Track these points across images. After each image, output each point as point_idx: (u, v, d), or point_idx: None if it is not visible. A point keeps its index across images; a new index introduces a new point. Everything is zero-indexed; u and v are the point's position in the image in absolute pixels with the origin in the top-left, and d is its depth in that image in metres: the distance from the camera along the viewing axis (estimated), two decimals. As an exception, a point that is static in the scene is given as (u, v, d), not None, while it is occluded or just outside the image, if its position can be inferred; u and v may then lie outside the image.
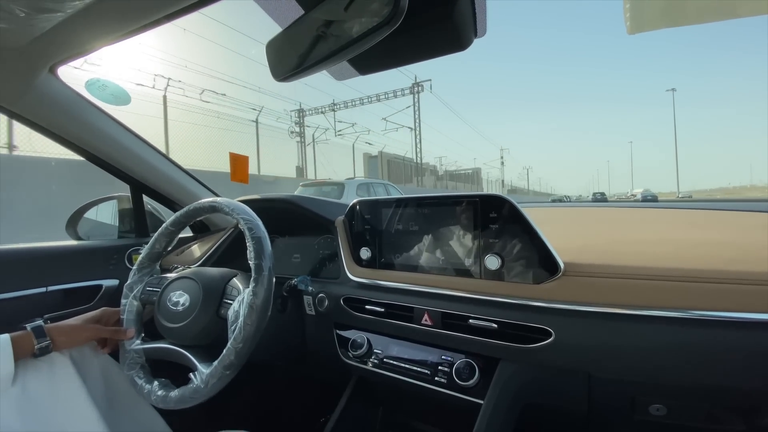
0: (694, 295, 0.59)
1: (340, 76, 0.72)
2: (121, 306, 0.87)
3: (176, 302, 0.81)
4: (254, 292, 0.74)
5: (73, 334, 0.78)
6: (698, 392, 0.61)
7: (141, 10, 0.65)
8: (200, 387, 0.72)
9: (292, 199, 1.10)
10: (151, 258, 0.93)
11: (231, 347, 0.72)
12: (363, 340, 0.93)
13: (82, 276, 1.15)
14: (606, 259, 0.69)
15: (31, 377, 0.72)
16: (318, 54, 0.56)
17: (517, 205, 0.72)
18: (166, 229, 0.93)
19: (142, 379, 0.80)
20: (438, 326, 0.81)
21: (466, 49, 0.57)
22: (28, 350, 0.72)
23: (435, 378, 0.80)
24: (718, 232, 0.83)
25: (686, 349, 0.59)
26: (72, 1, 0.58)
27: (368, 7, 0.49)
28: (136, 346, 0.83)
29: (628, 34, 0.55)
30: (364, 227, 0.96)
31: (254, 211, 0.83)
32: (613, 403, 0.69)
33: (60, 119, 1.02)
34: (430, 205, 0.86)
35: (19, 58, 0.79)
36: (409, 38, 0.57)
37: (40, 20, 0.65)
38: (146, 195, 1.33)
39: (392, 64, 0.65)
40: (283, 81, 0.62)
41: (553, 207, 1.29)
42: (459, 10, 0.52)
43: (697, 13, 0.54)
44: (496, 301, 0.75)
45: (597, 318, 0.65)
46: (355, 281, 0.96)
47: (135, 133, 1.18)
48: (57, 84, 0.94)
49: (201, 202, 0.90)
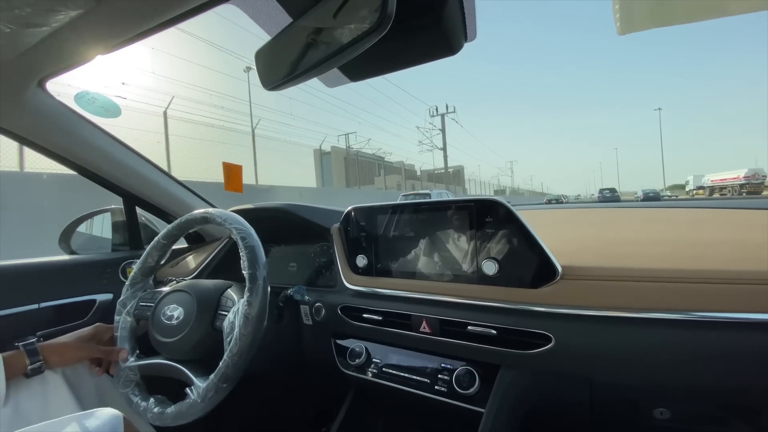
0: (694, 297, 0.59)
1: (330, 83, 0.72)
2: (115, 323, 0.86)
3: (170, 316, 0.80)
4: (249, 302, 0.73)
5: (66, 353, 0.77)
6: (702, 395, 0.60)
7: (128, 22, 0.64)
8: (197, 402, 0.71)
9: (286, 207, 1.09)
10: (144, 272, 0.92)
11: (227, 359, 0.71)
12: (361, 349, 0.91)
13: (75, 291, 1.13)
14: (604, 262, 0.68)
15: (24, 397, 0.70)
16: (308, 62, 0.55)
17: (513, 209, 0.72)
18: (158, 242, 0.91)
19: (137, 396, 0.79)
20: (436, 333, 0.80)
21: (456, 54, 0.57)
22: (21, 370, 0.70)
23: (435, 387, 0.79)
24: (716, 230, 0.83)
25: (688, 351, 0.58)
26: (57, 15, 0.58)
27: (357, 13, 0.48)
28: (130, 363, 0.82)
29: (618, 34, 0.55)
30: (360, 234, 0.95)
31: (248, 221, 0.82)
32: (616, 408, 0.68)
33: (50, 133, 1.00)
34: (425, 210, 0.85)
35: (7, 72, 0.78)
36: (399, 44, 0.57)
37: (27, 35, 0.64)
38: (139, 207, 1.31)
39: (383, 70, 0.65)
40: (273, 90, 0.62)
41: (550, 209, 1.28)
42: (448, 15, 0.52)
43: (686, 12, 0.54)
44: (494, 306, 0.74)
45: (597, 322, 0.64)
46: (352, 289, 0.95)
47: (126, 144, 1.17)
48: (46, 98, 0.93)
49: (193, 214, 0.89)
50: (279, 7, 0.57)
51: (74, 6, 0.56)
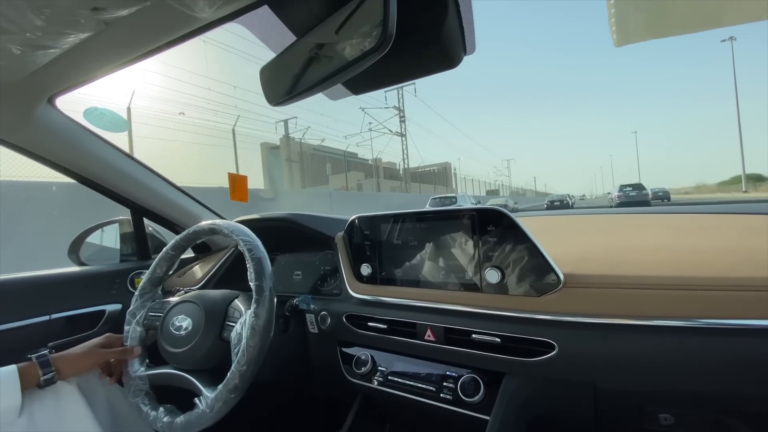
0: (698, 304, 0.59)
1: (333, 96, 0.74)
2: (125, 332, 0.87)
3: (179, 326, 0.81)
4: (256, 313, 0.74)
5: (78, 362, 0.78)
6: (706, 401, 0.61)
7: (137, 42, 0.66)
8: (206, 412, 0.72)
9: (291, 217, 1.11)
10: (153, 283, 0.93)
11: (235, 370, 0.72)
12: (367, 357, 0.92)
13: (85, 302, 1.15)
14: (606, 269, 0.69)
15: (38, 407, 0.72)
16: (311, 78, 0.56)
17: (515, 218, 0.73)
18: (166, 253, 0.93)
19: (147, 406, 0.80)
20: (441, 342, 0.81)
21: (456, 67, 0.59)
22: (34, 381, 0.72)
23: (440, 395, 0.80)
24: (718, 236, 0.83)
25: (692, 358, 0.59)
26: (66, 38, 0.59)
27: (359, 30, 0.49)
28: (140, 372, 0.83)
29: (615, 46, 0.55)
30: (364, 243, 0.96)
31: (253, 231, 0.84)
32: (621, 414, 0.69)
33: (59, 148, 1.03)
34: (428, 219, 0.86)
35: (17, 91, 0.80)
36: (400, 59, 0.58)
37: (37, 56, 0.66)
38: (147, 218, 1.33)
39: (385, 83, 0.67)
40: (277, 105, 0.63)
41: (552, 215, 1.29)
42: (447, 30, 0.53)
43: (681, 23, 0.55)
44: (497, 314, 0.75)
45: (600, 329, 0.65)
46: (357, 298, 0.96)
47: (133, 157, 1.19)
48: (55, 114, 0.95)
49: (200, 225, 0.90)
50: (283, 26, 0.59)
51: (84, 29, 0.58)
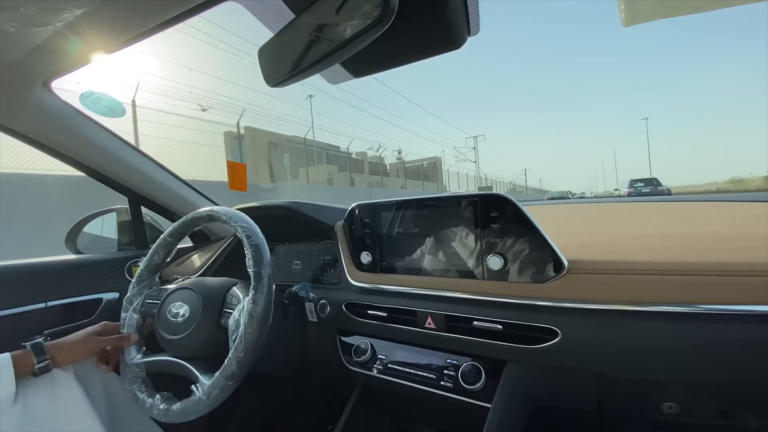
0: (701, 289, 0.58)
1: (333, 79, 0.72)
2: (121, 320, 0.87)
3: (176, 314, 0.81)
4: (254, 300, 0.73)
5: (74, 350, 0.78)
6: (710, 388, 0.60)
7: (131, 21, 0.65)
8: (202, 399, 0.71)
9: (291, 205, 1.10)
10: (150, 270, 0.92)
11: (232, 357, 0.71)
12: (366, 345, 0.91)
13: (81, 290, 1.14)
14: (610, 255, 0.68)
15: (32, 395, 0.71)
16: (311, 57, 0.55)
17: (518, 204, 0.71)
18: (164, 240, 0.92)
19: (143, 393, 0.79)
20: (442, 329, 0.80)
21: (460, 48, 0.57)
22: (29, 369, 0.71)
23: (441, 382, 0.79)
24: (722, 223, 0.82)
25: (695, 344, 0.58)
26: (62, 13, 0.58)
27: (360, 8, 0.48)
28: (136, 360, 0.83)
29: (623, 26, 0.54)
30: (364, 231, 0.95)
31: (253, 219, 0.83)
32: (624, 403, 0.68)
33: (55, 133, 1.01)
34: (429, 206, 0.85)
35: (12, 72, 0.78)
36: (402, 39, 0.57)
37: (31, 34, 0.64)
38: (144, 206, 1.32)
39: (386, 65, 0.65)
40: (277, 86, 0.62)
41: (555, 204, 1.28)
42: (451, 9, 0.51)
43: (692, 2, 0.53)
44: (500, 301, 0.74)
45: (604, 316, 0.64)
46: (357, 286, 0.95)
47: (131, 144, 1.18)
48: (51, 98, 0.94)
49: (198, 212, 0.89)
50: (281, 4, 0.57)
51: (78, 4, 0.56)
